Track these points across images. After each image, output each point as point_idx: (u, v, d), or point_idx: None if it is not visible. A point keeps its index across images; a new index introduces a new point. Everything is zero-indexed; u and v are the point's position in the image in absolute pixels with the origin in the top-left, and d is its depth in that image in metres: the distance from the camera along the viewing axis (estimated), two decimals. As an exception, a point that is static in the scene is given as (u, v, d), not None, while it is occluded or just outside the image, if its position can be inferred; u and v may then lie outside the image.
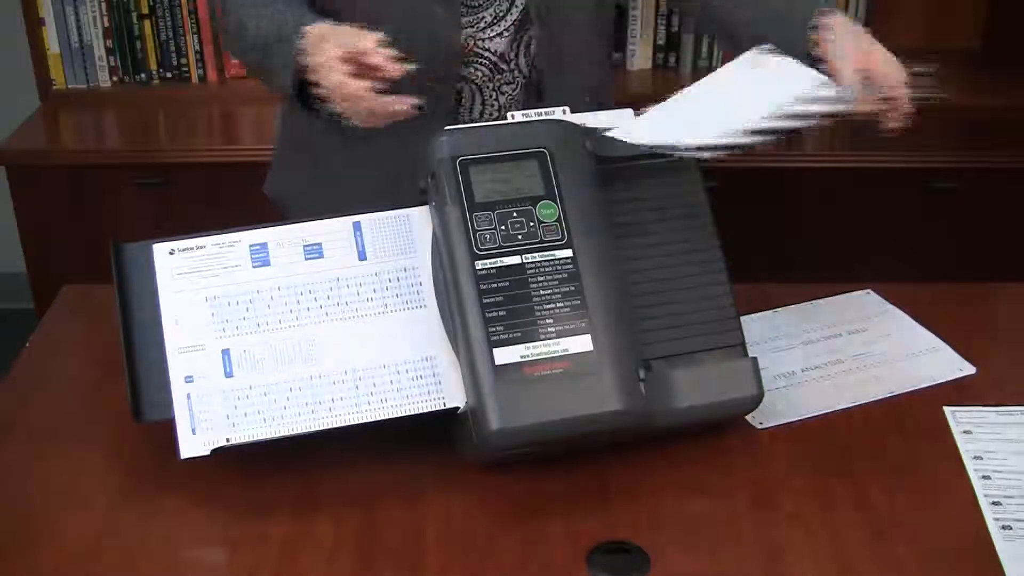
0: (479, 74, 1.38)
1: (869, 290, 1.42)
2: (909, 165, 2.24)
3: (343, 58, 1.14)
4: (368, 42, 1.14)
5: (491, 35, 1.37)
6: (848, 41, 1.20)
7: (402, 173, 1.18)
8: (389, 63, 1.13)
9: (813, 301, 1.42)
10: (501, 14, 1.36)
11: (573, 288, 1.08)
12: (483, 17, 1.36)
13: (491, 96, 1.40)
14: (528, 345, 1.05)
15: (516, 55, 1.39)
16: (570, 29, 1.39)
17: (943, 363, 1.30)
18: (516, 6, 1.36)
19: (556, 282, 1.08)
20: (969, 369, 1.28)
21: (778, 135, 1.15)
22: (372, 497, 1.10)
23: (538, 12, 1.36)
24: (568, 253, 1.09)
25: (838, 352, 1.32)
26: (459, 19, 1.34)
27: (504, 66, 1.39)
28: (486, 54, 1.37)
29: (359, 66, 1.14)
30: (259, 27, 1.27)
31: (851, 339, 1.34)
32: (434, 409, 1.10)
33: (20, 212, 2.33)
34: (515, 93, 1.42)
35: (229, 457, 1.08)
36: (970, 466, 1.14)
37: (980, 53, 2.63)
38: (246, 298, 1.12)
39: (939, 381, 1.27)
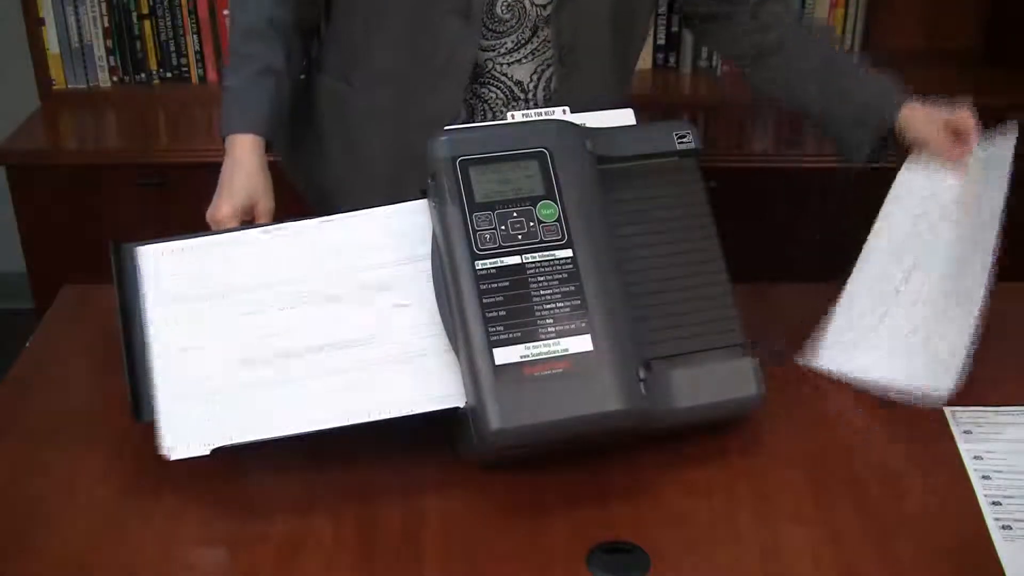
0: (493, 96, 1.39)
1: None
2: (909, 165, 2.23)
3: (236, 215, 1.26)
4: (262, 210, 1.27)
5: (510, 61, 1.37)
6: (932, 124, 1.35)
7: (404, 174, 1.19)
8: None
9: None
10: (523, 41, 1.36)
11: (573, 288, 1.08)
12: (505, 43, 1.36)
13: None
14: (528, 345, 1.05)
15: (536, 87, 1.40)
16: (588, 71, 1.40)
17: None
18: (538, 36, 1.36)
19: (556, 282, 1.08)
20: None
21: None
22: (372, 497, 1.10)
23: (560, 51, 1.37)
24: (568, 253, 1.09)
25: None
26: (478, 38, 1.35)
27: (521, 94, 1.39)
28: (503, 78, 1.38)
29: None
30: (225, 84, 1.37)
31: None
32: (434, 409, 1.10)
33: (20, 212, 2.33)
34: None
35: (229, 457, 1.08)
36: (970, 466, 1.14)
37: (980, 53, 2.63)
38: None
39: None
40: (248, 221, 1.26)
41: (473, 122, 1.40)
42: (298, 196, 1.53)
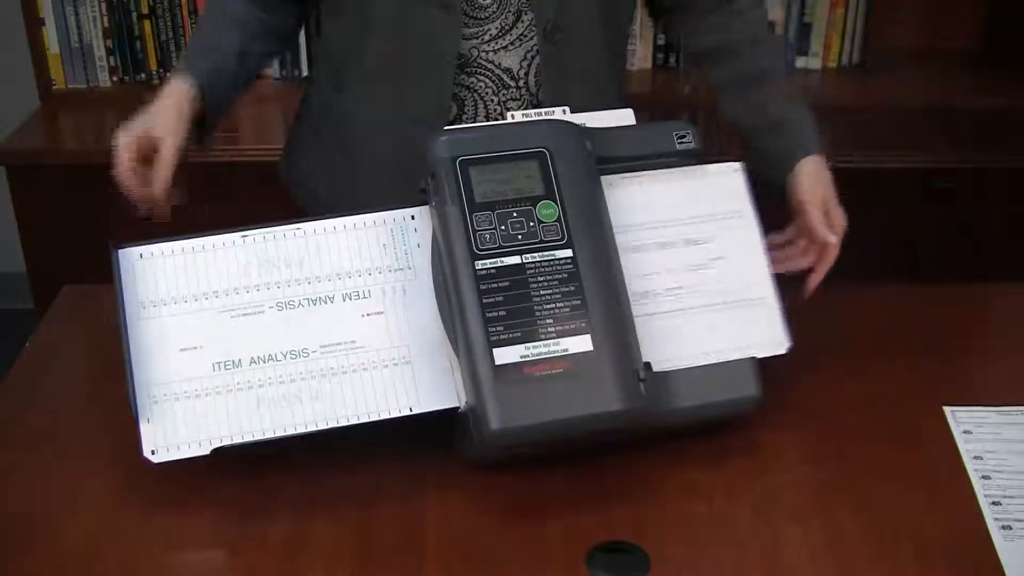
0: (482, 85, 1.38)
1: (740, 166, 1.24)
2: (909, 165, 2.24)
3: (129, 148, 1.24)
4: (162, 150, 1.25)
5: (496, 48, 1.36)
6: (818, 190, 1.31)
7: (402, 174, 1.19)
8: (164, 173, 1.24)
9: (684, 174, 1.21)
10: (507, 27, 1.35)
11: (573, 288, 1.08)
12: (488, 29, 1.35)
13: (496, 110, 1.39)
14: (528, 345, 1.05)
15: (526, 73, 1.38)
16: (577, 48, 1.37)
17: (759, 329, 1.18)
18: (522, 20, 1.35)
19: (556, 282, 1.08)
20: (781, 347, 1.18)
21: None
22: (372, 497, 1.10)
23: (544, 29, 1.35)
24: (568, 253, 1.09)
25: (659, 279, 1.17)
26: (460, 27, 1.34)
27: (512, 82, 1.38)
28: (490, 66, 1.36)
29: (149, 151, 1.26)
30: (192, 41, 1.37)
31: (686, 255, 1.19)
32: (435, 409, 1.10)
33: (20, 212, 2.33)
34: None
35: (229, 457, 1.08)
36: (970, 466, 1.14)
37: (980, 53, 2.63)
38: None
39: (744, 355, 1.15)
40: (148, 158, 1.25)
41: (464, 114, 1.39)
42: (294, 204, 1.53)
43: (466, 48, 1.35)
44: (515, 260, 1.08)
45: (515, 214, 1.10)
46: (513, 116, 1.18)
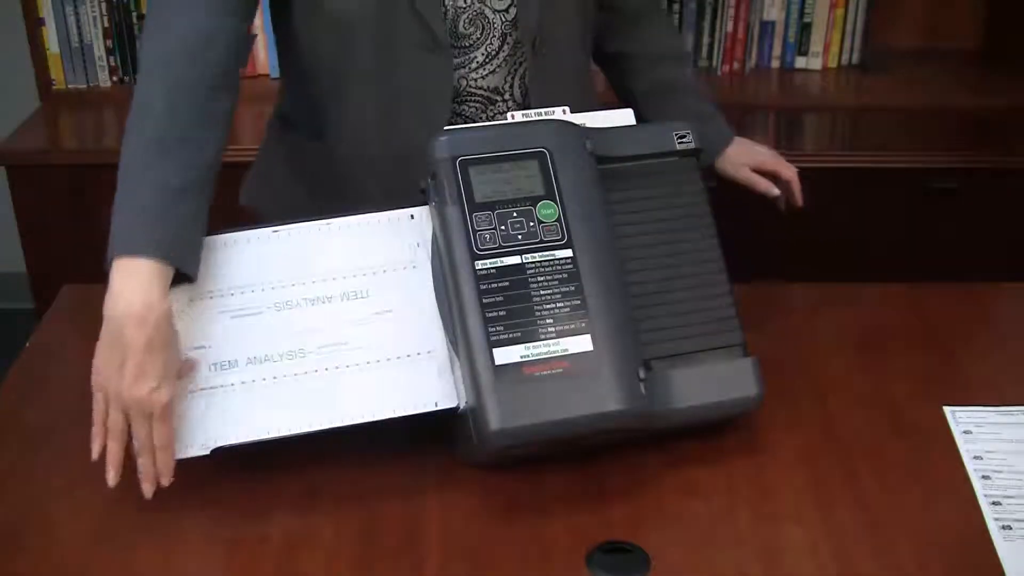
0: (472, 111, 1.35)
1: (419, 212, 1.16)
2: (909, 165, 2.23)
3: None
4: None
5: (483, 73, 1.33)
6: (752, 155, 1.49)
7: (393, 194, 1.18)
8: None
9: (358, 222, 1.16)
10: (493, 52, 1.32)
11: (573, 288, 1.08)
12: (474, 57, 1.31)
13: None
14: (528, 345, 1.05)
15: (510, 86, 1.35)
16: (561, 51, 1.36)
17: (429, 383, 1.11)
18: (508, 43, 1.32)
19: (556, 282, 1.08)
20: (452, 400, 1.10)
21: None
22: (372, 497, 1.10)
23: (532, 44, 1.32)
24: (568, 253, 1.09)
25: (312, 336, 1.13)
26: (452, 65, 1.30)
27: (497, 98, 1.35)
28: (478, 92, 1.34)
29: None
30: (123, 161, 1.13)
31: (348, 309, 1.14)
32: (434, 409, 1.10)
33: (20, 212, 2.33)
34: None
35: (229, 457, 1.08)
36: (970, 466, 1.14)
37: (980, 53, 2.63)
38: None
39: (415, 410, 1.10)
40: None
41: None
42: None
43: (456, 79, 1.32)
44: (515, 260, 1.08)
45: (515, 214, 1.10)
46: (513, 116, 1.18)
